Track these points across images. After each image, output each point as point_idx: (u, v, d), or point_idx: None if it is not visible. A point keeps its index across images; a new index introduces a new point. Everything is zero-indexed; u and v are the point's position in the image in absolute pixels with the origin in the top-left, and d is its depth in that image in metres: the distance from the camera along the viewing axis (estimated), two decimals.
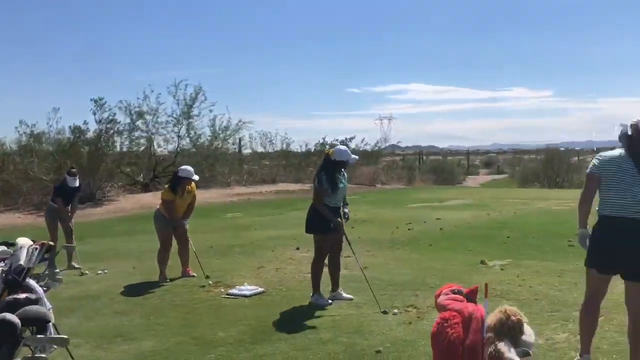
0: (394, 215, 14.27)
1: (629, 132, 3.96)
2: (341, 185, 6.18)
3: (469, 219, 12.94)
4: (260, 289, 6.70)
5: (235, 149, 28.49)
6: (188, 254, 7.84)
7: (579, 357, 4.20)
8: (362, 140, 32.53)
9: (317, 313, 5.76)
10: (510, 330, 2.46)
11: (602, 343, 4.61)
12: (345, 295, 6.34)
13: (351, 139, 31.85)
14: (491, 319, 2.54)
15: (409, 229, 11.48)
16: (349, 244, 6.34)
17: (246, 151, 30.46)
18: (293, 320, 5.53)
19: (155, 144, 25.47)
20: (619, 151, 4.02)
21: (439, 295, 2.85)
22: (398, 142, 53.89)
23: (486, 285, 2.77)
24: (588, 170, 4.12)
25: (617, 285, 4.63)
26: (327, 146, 29.95)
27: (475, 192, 23.06)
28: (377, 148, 33.43)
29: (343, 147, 6.30)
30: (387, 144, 38.91)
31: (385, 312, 5.62)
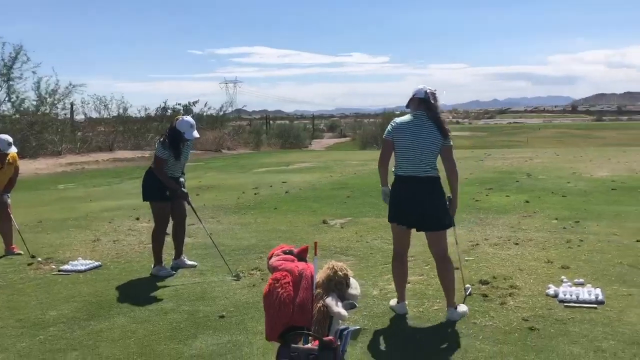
0: (240, 180, 14.26)
1: (432, 100, 4.29)
2: (182, 155, 5.95)
3: (313, 181, 13.34)
4: (96, 263, 6.31)
5: (66, 114, 26.30)
6: (11, 231, 7.12)
7: (395, 304, 4.56)
8: (206, 105, 31.94)
9: (159, 284, 5.57)
10: (337, 285, 2.58)
11: (427, 289, 5.05)
12: (188, 262, 6.21)
13: (195, 103, 31.12)
14: (320, 276, 2.64)
15: (255, 194, 11.54)
16: (195, 212, 6.20)
17: (79, 117, 28.30)
18: (133, 293, 5.29)
19: None
20: (409, 116, 4.36)
21: (271, 257, 2.88)
22: (244, 106, 53.61)
23: (316, 243, 2.86)
24: (384, 135, 4.42)
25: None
26: (168, 111, 28.86)
27: (320, 155, 23.81)
28: (222, 113, 32.99)
29: (188, 120, 5.88)
30: (233, 109, 38.55)
31: (237, 277, 5.59)
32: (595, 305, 4.49)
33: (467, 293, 4.86)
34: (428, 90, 4.30)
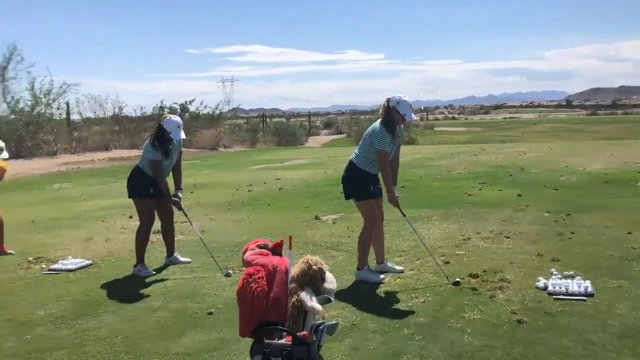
0: (235, 177, 14.24)
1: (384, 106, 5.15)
2: (170, 154, 5.90)
3: (306, 177, 13.33)
4: (87, 262, 6.28)
5: (61, 114, 26.19)
6: (2, 231, 7.08)
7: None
8: (202, 103, 31.81)
9: (148, 281, 5.55)
10: (312, 279, 2.55)
11: (417, 284, 5.05)
12: (181, 259, 6.20)
13: (191, 102, 31.03)
14: (295, 270, 2.61)
15: (249, 191, 11.51)
16: (186, 215, 6.17)
17: (74, 116, 28.20)
18: (122, 291, 5.27)
19: None
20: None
21: (245, 251, 2.86)
22: (240, 105, 53.45)
23: (290, 237, 2.83)
24: None
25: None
26: (166, 110, 28.78)
27: (315, 152, 23.78)
28: (218, 111, 32.88)
29: (175, 119, 5.82)
30: (230, 107, 38.40)
31: (227, 274, 5.57)
32: (584, 298, 4.48)
33: (453, 283, 4.90)
34: (389, 98, 5.10)
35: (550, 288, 4.67)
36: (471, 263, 5.57)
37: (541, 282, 4.83)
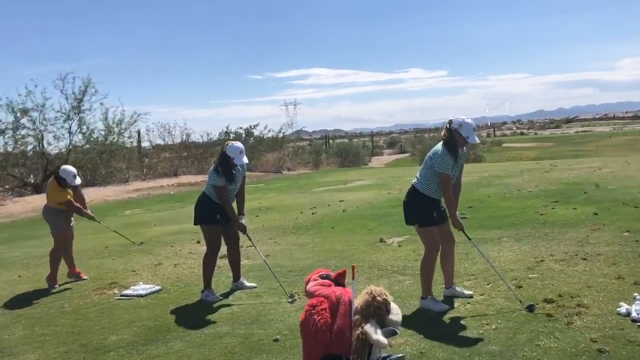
0: (299, 200, 14.30)
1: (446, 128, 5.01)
2: (234, 179, 5.97)
3: (370, 199, 13.21)
4: (156, 287, 6.44)
5: (131, 142, 27.34)
6: (71, 255, 7.38)
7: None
8: (265, 127, 32.38)
9: (215, 306, 5.62)
10: (376, 311, 2.47)
11: (488, 309, 4.84)
12: (247, 284, 6.25)
13: (255, 126, 31.67)
14: (358, 302, 2.53)
15: (312, 214, 11.53)
16: (251, 240, 6.22)
17: (144, 144, 29.40)
18: (190, 317, 5.36)
19: (45, 141, 24.03)
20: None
21: (308, 282, 2.81)
22: (303, 128, 54.10)
23: (353, 267, 2.75)
24: None
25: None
26: (231, 135, 29.48)
27: (378, 172, 23.60)
28: (281, 134, 33.37)
29: (237, 145, 5.88)
30: (293, 130, 38.92)
31: (292, 299, 5.54)
32: None
33: (527, 308, 4.67)
34: (451, 119, 4.99)
35: (633, 314, 4.36)
36: (545, 287, 5.30)
37: (623, 307, 4.52)
